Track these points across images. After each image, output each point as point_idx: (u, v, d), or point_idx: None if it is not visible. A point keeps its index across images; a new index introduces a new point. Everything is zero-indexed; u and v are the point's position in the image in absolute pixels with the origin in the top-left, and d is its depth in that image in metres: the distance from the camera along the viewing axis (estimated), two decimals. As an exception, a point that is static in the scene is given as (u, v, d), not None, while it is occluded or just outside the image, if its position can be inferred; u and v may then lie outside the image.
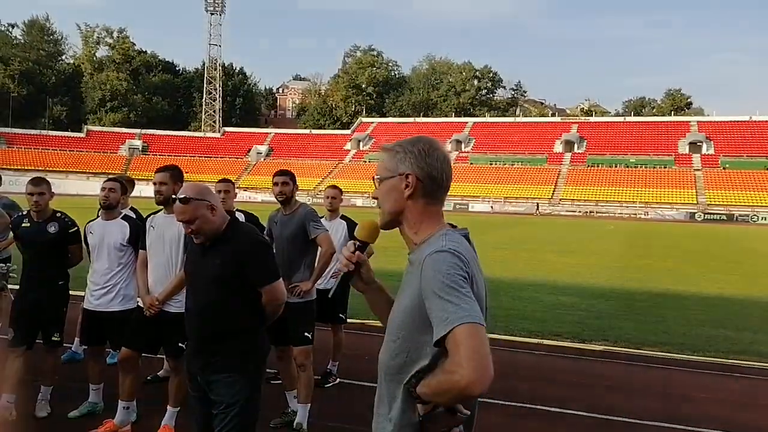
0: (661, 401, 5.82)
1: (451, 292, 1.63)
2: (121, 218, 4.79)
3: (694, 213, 59.44)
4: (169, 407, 4.45)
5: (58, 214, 4.78)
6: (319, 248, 4.88)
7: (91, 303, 4.73)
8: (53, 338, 4.77)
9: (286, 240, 4.79)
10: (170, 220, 4.29)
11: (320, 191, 61.66)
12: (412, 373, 1.75)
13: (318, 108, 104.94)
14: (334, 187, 5.86)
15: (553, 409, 5.42)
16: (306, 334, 4.71)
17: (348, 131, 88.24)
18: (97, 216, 4.91)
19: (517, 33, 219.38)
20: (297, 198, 4.99)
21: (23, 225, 4.76)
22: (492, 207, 64.70)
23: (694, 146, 71.50)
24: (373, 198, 1.96)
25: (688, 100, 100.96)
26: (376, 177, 1.93)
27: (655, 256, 21.04)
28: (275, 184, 4.88)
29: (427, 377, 1.70)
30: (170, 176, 4.31)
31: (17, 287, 4.86)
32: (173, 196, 3.24)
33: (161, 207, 4.38)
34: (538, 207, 62.40)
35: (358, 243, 1.96)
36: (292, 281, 4.69)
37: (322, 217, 5.35)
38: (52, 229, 4.68)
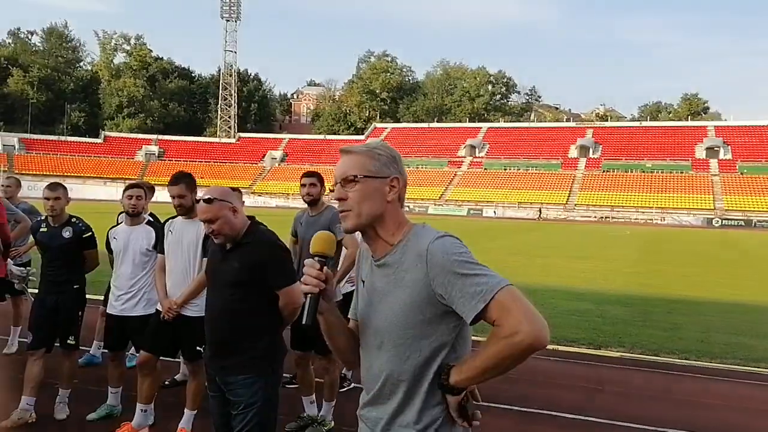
0: (677, 408, 5.77)
1: (474, 266, 1.66)
2: (146, 224, 4.86)
3: (712, 219, 58.86)
4: (186, 410, 4.49)
5: (73, 219, 4.84)
6: (344, 249, 4.91)
7: (116, 308, 4.79)
8: (68, 341, 4.83)
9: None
10: (188, 225, 4.34)
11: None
12: (437, 368, 1.75)
13: (332, 113, 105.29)
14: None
15: (568, 415, 5.39)
16: None
17: (362, 137, 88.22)
18: (118, 222, 4.97)
19: (532, 37, 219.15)
20: (324, 200, 5.03)
21: (41, 230, 4.84)
22: (495, 212, 64.44)
23: (711, 151, 70.83)
24: (339, 199, 1.84)
25: (705, 104, 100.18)
26: (357, 175, 1.81)
27: (672, 262, 20.86)
28: (303, 185, 4.95)
29: (458, 364, 1.71)
30: (186, 187, 4.34)
31: (37, 291, 4.93)
32: (198, 197, 3.32)
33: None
34: (540, 212, 61.98)
35: (320, 259, 1.84)
36: None
37: None
38: (66, 233, 4.75)
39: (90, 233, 4.87)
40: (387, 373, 1.81)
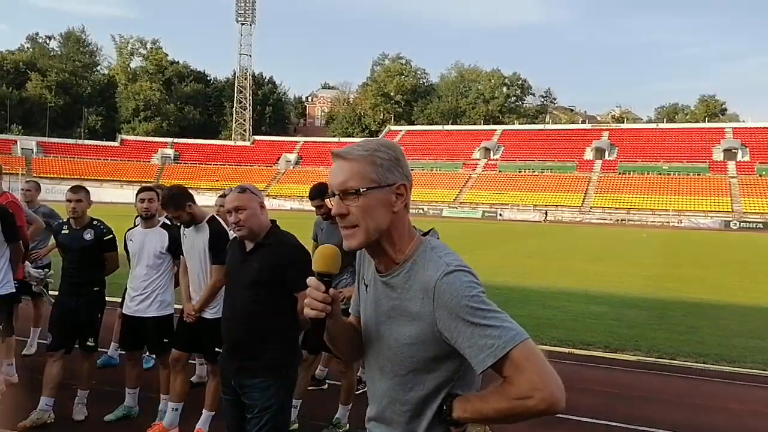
0: (695, 413, 5.73)
1: (485, 314, 1.49)
2: (160, 226, 4.90)
3: (730, 221, 58.24)
4: (204, 411, 4.53)
5: (95, 222, 4.90)
6: None
7: (130, 308, 4.84)
8: (88, 343, 4.88)
9: None
10: (197, 231, 4.43)
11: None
12: (442, 399, 1.63)
13: (347, 116, 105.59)
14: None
15: (584, 419, 5.37)
16: None
17: (376, 139, 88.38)
18: (135, 224, 5.04)
19: (547, 39, 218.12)
20: None
21: (63, 232, 4.90)
22: (501, 215, 64.18)
23: (729, 153, 70.15)
24: (339, 215, 1.63)
25: (723, 106, 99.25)
26: (359, 188, 1.60)
27: (689, 265, 20.67)
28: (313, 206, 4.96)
29: (463, 399, 1.60)
30: (176, 208, 4.38)
31: (57, 293, 5.00)
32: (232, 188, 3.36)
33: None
34: (546, 215, 61.66)
35: (326, 279, 1.63)
36: (337, 288, 4.74)
37: None
38: (87, 236, 4.80)
39: (111, 236, 4.92)
40: (389, 400, 1.70)
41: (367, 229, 1.61)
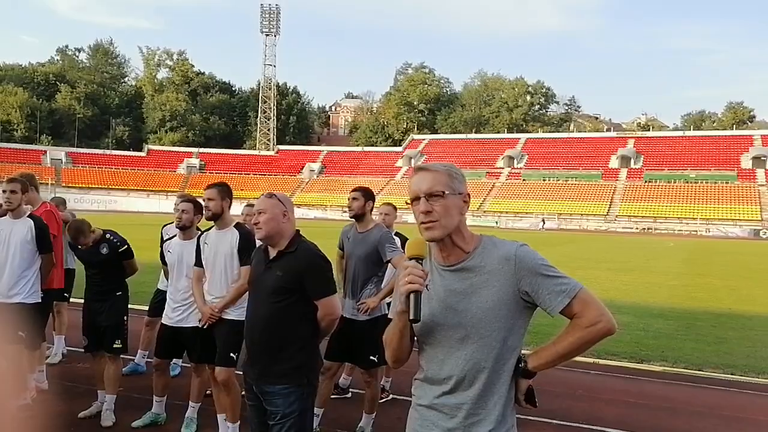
0: (723, 424, 5.64)
1: (555, 270, 2.00)
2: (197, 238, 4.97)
3: (759, 230, 57.14)
4: (228, 424, 4.52)
5: (107, 236, 5.10)
6: (389, 267, 4.90)
7: (172, 319, 4.86)
8: (115, 345, 5.06)
9: (358, 258, 4.81)
10: (222, 235, 4.45)
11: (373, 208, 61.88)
12: (517, 358, 2.04)
13: (370, 125, 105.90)
14: (388, 203, 5.86)
15: (609, 429, 5.31)
16: (372, 357, 4.73)
17: (400, 148, 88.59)
18: (162, 234, 5.14)
19: (571, 47, 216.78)
20: (373, 216, 4.99)
21: (79, 247, 5.11)
22: (497, 223, 63.26)
23: (758, 161, 68.90)
24: (425, 212, 2.00)
25: (751, 113, 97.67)
26: (444, 191, 2.01)
27: (717, 274, 20.33)
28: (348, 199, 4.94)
29: (534, 352, 2.04)
30: (218, 192, 4.45)
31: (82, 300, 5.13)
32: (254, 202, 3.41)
33: (212, 224, 4.53)
34: (543, 222, 60.98)
35: (418, 260, 2.01)
36: (361, 299, 4.76)
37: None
38: (104, 250, 5.04)
39: (125, 246, 5.13)
40: (473, 362, 2.01)
41: (444, 225, 2.01)
